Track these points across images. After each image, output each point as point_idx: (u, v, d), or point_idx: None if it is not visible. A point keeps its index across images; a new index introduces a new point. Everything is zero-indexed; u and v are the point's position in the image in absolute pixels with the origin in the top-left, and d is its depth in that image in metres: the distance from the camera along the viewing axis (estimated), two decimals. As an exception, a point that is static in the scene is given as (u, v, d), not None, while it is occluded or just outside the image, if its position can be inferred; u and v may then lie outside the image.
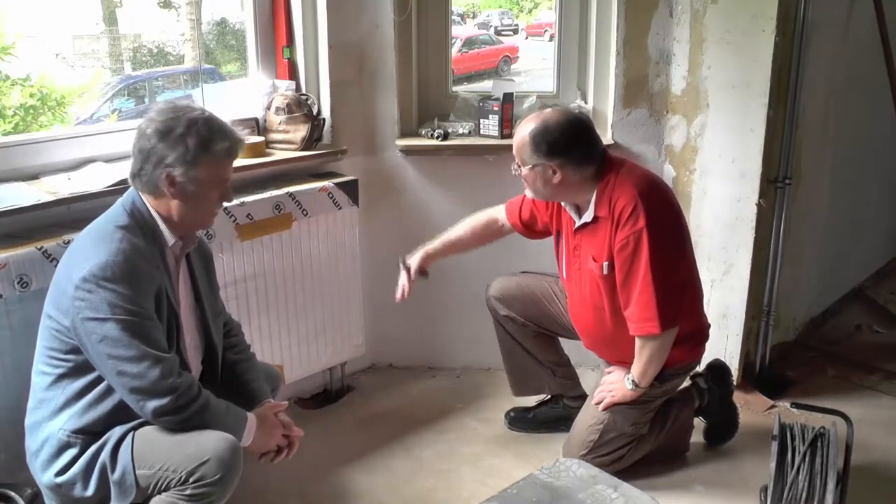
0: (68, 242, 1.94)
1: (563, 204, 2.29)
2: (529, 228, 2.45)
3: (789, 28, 2.58)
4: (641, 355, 2.21)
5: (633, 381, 2.25)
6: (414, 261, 2.44)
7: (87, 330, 1.61)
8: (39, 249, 1.92)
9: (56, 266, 1.90)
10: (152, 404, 1.63)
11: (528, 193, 2.27)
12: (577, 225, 2.24)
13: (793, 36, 2.60)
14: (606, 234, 2.15)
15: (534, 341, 2.55)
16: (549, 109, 2.17)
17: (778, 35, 2.52)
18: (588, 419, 2.35)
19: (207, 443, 1.65)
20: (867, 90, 3.29)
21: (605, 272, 2.19)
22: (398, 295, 2.42)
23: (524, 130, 2.13)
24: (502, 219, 2.50)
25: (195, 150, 1.71)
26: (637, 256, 2.10)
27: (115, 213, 1.75)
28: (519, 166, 2.18)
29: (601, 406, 2.32)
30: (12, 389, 1.90)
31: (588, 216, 2.20)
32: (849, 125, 3.24)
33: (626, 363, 2.28)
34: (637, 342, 2.21)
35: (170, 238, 1.78)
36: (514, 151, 2.17)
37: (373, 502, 2.31)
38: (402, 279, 2.42)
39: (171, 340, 1.74)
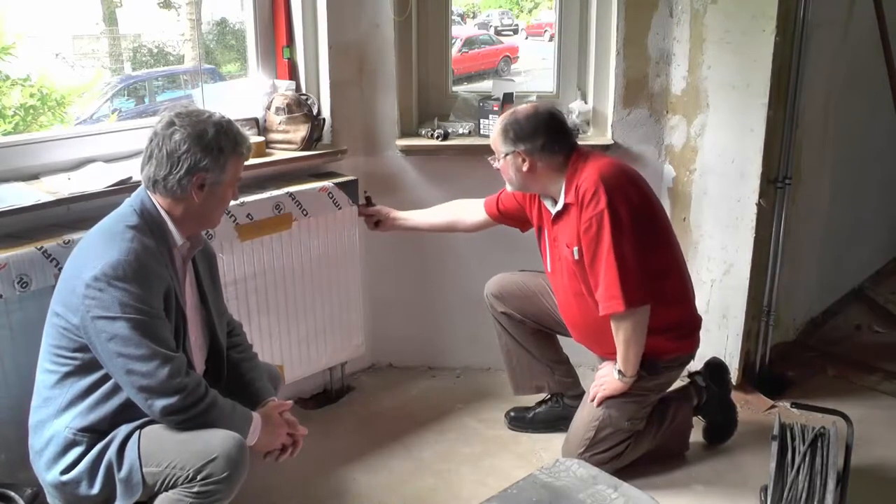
0: (68, 242, 1.95)
1: (541, 198, 2.34)
2: (505, 215, 2.52)
3: (789, 28, 2.58)
4: (618, 339, 2.23)
5: (619, 370, 2.26)
6: (378, 209, 2.64)
7: (96, 328, 1.62)
8: (39, 249, 1.92)
9: (56, 266, 1.91)
10: (160, 403, 1.64)
11: (508, 187, 2.36)
12: (552, 215, 2.28)
13: (793, 36, 2.60)
14: (576, 220, 2.20)
15: (532, 339, 2.56)
16: (524, 105, 2.29)
17: (778, 35, 2.52)
18: (584, 416, 2.36)
19: (215, 441, 1.66)
20: (867, 90, 3.29)
21: (576, 257, 2.22)
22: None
23: (498, 123, 2.26)
24: (474, 211, 2.58)
25: (227, 153, 1.76)
26: (600, 238, 2.14)
27: (124, 213, 1.76)
28: (496, 160, 2.29)
29: (595, 401, 2.33)
30: (12, 389, 1.90)
31: (560, 204, 2.25)
32: (849, 125, 3.24)
33: (614, 356, 2.29)
34: (612, 325, 2.22)
35: (178, 239, 1.79)
36: (492, 144, 2.29)
37: (373, 502, 2.31)
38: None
39: (178, 340, 1.75)
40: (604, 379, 2.33)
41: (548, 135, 2.21)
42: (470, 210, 2.60)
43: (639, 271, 2.16)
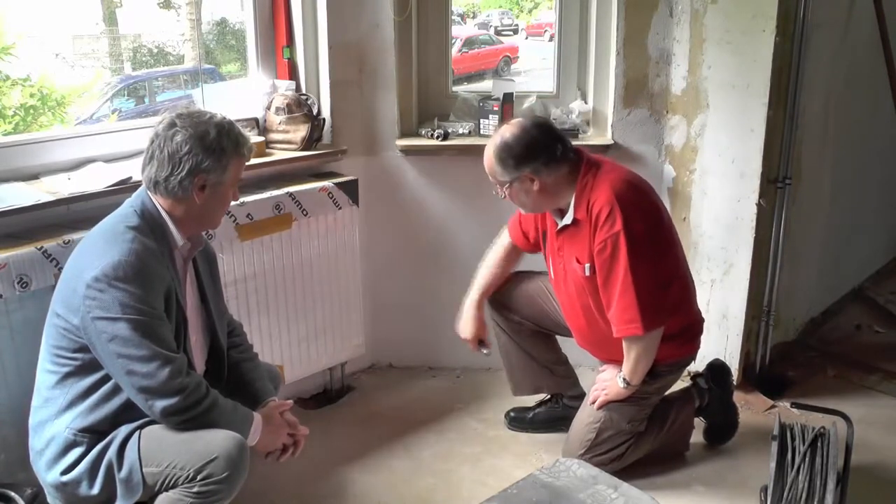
0: (68, 242, 1.95)
1: (551, 211, 2.29)
2: (529, 240, 2.46)
3: (789, 28, 2.58)
4: (629, 355, 2.22)
5: (624, 379, 2.26)
6: (468, 333, 2.52)
7: (97, 329, 1.62)
8: (39, 249, 1.92)
9: (56, 266, 1.91)
10: (161, 404, 1.64)
11: (523, 211, 2.30)
12: (558, 227, 2.25)
13: (793, 36, 2.60)
14: (586, 237, 2.17)
15: (530, 340, 2.56)
16: (504, 125, 2.20)
17: (778, 35, 2.52)
18: (585, 418, 2.36)
19: (215, 441, 1.67)
20: (867, 90, 3.29)
21: (587, 274, 2.20)
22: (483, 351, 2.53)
23: (487, 155, 2.17)
24: (510, 242, 2.52)
25: (229, 154, 1.76)
26: (615, 259, 2.11)
27: (125, 213, 1.76)
28: (501, 191, 2.21)
29: (596, 405, 2.33)
30: (12, 389, 1.90)
31: (568, 218, 2.21)
32: (849, 125, 3.24)
33: (618, 361, 2.29)
34: (624, 343, 2.22)
35: (179, 239, 1.80)
36: (490, 177, 2.20)
37: (373, 502, 2.31)
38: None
39: (179, 341, 1.75)
40: (606, 384, 2.33)
41: (545, 148, 2.14)
42: (510, 244, 2.51)
43: (654, 292, 2.15)
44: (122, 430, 1.70)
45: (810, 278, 3.27)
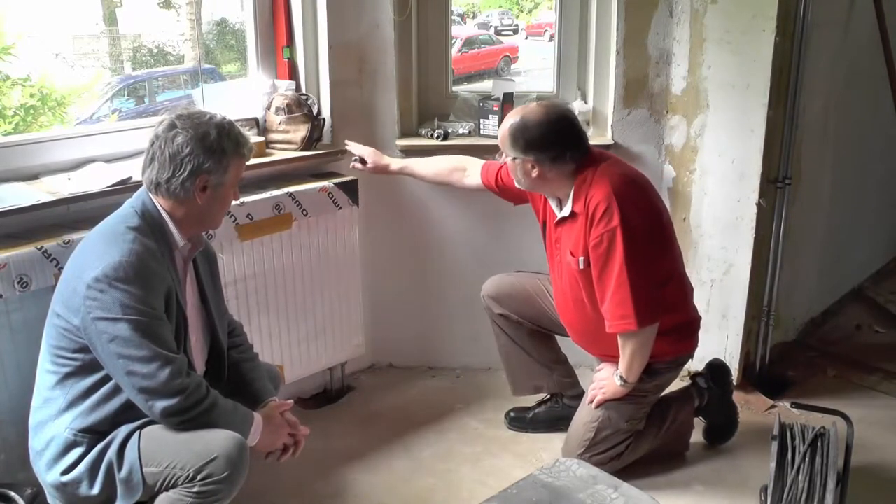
0: (68, 242, 1.95)
1: (547, 196, 2.30)
2: (504, 190, 2.46)
3: (789, 28, 2.58)
4: (624, 352, 2.22)
5: (621, 376, 2.26)
6: (366, 155, 2.63)
7: (97, 329, 1.62)
8: (39, 249, 1.92)
9: (56, 266, 1.91)
10: (161, 404, 1.64)
11: (516, 185, 2.29)
12: (556, 218, 2.26)
13: (793, 36, 2.60)
14: (582, 230, 2.17)
15: (530, 340, 2.56)
16: (534, 104, 2.18)
17: (778, 35, 2.52)
18: (583, 417, 2.36)
19: (215, 441, 1.67)
20: (867, 90, 3.29)
21: (581, 267, 2.20)
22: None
23: (506, 123, 2.18)
24: (472, 174, 2.54)
25: (230, 155, 1.77)
26: (611, 255, 2.11)
27: (125, 214, 1.76)
28: (503, 156, 2.23)
29: (594, 404, 2.33)
30: (12, 389, 1.90)
31: (566, 211, 2.21)
32: (849, 125, 3.24)
33: (611, 357, 2.29)
34: (619, 339, 2.22)
35: (179, 240, 1.80)
36: (499, 141, 2.22)
37: (373, 502, 2.31)
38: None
39: (179, 341, 1.75)
40: (603, 382, 2.33)
41: (561, 146, 2.14)
42: (468, 171, 2.57)
43: (649, 289, 2.15)
44: (122, 431, 1.70)
45: (810, 278, 3.27)
